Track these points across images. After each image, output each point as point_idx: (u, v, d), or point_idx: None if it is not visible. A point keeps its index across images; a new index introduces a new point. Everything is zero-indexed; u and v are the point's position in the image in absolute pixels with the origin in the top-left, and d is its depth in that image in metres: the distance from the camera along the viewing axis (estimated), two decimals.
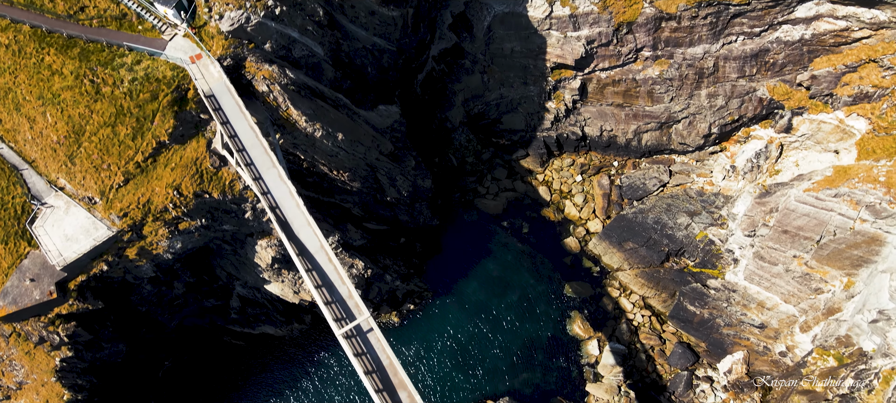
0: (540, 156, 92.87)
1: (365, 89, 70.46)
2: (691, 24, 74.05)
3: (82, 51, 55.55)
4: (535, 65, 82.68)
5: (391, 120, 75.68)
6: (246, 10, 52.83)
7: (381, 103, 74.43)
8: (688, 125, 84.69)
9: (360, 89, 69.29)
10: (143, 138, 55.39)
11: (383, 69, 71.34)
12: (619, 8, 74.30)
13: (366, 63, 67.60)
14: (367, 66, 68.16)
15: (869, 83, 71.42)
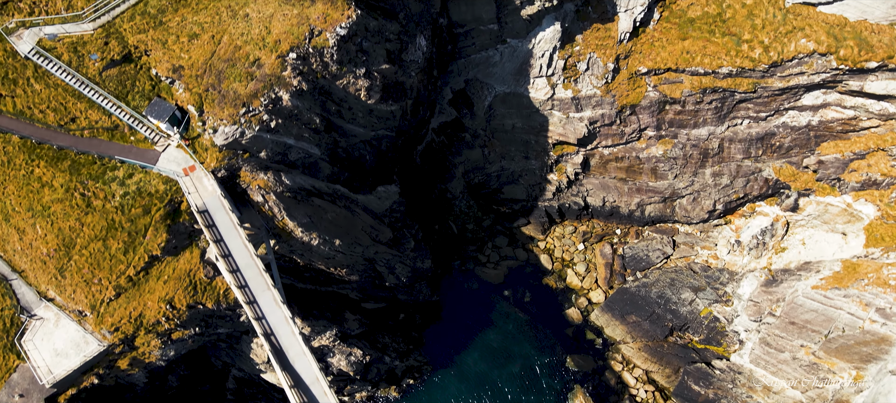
0: (541, 223, 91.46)
1: (363, 176, 69.10)
2: (696, 109, 72.69)
3: (73, 163, 54.18)
4: (537, 140, 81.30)
5: (390, 201, 74.30)
6: (240, 125, 51.51)
7: (380, 184, 73.04)
8: (692, 201, 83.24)
9: (357, 178, 67.94)
10: (134, 252, 53.99)
11: (382, 153, 69.99)
12: (622, 91, 72.92)
13: (364, 153, 66.27)
14: (365, 156, 66.82)
15: (877, 171, 70.03)
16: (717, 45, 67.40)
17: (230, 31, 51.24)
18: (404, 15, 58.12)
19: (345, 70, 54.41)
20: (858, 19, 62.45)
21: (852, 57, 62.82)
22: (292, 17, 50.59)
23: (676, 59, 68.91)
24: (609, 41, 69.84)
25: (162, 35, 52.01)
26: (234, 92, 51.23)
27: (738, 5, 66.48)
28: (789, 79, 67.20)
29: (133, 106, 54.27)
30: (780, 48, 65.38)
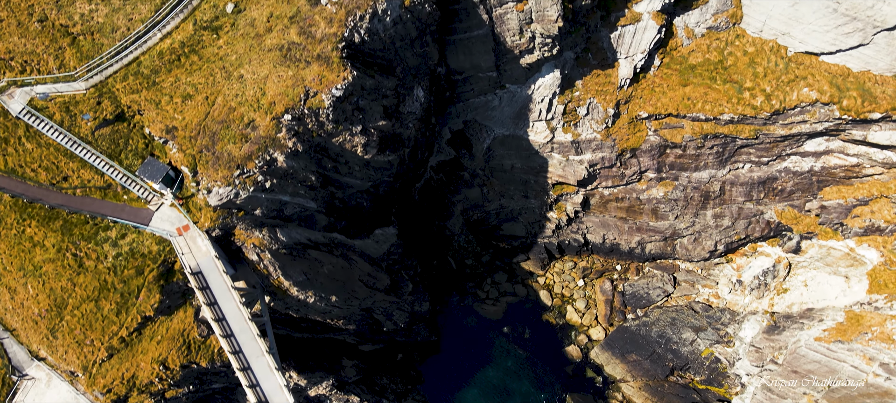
0: (541, 259, 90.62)
1: (360, 222, 68.24)
2: (697, 153, 71.83)
3: (65, 223, 53.38)
4: (536, 180, 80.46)
5: (388, 244, 73.50)
6: (235, 186, 50.68)
7: (378, 227, 72.20)
8: (693, 240, 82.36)
9: (355, 224, 67.11)
10: (127, 313, 53.18)
11: (379, 198, 69.15)
12: (622, 135, 72.07)
13: (362, 201, 65.44)
14: (362, 203, 65.99)
15: (881, 218, 69.16)
16: (718, 91, 66.55)
17: (224, 92, 50.45)
18: (401, 68, 57.33)
19: (341, 128, 53.62)
20: (862, 70, 61.60)
21: (855, 108, 61.99)
22: (287, 79, 49.80)
23: (677, 105, 68.06)
24: (609, 87, 69.01)
25: (155, 95, 51.23)
26: (228, 153, 50.41)
27: (740, 53, 65.64)
28: (792, 127, 66.37)
29: (126, 165, 53.47)
30: (782, 97, 64.55)
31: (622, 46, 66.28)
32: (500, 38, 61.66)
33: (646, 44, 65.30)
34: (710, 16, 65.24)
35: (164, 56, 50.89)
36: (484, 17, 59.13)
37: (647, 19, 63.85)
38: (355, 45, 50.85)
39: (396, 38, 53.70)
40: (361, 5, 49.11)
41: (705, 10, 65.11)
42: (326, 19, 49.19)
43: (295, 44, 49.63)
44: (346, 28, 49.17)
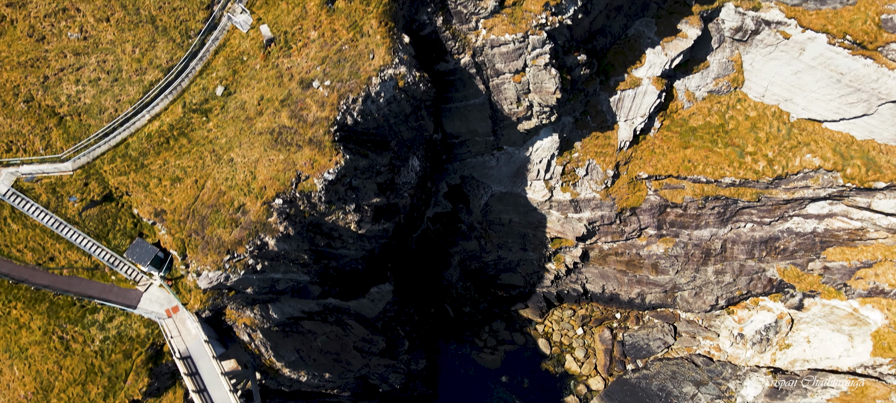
0: (539, 307, 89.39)
1: (355, 284, 67.05)
2: (698, 213, 70.66)
3: (51, 305, 52.18)
4: (535, 234, 79.25)
5: (384, 301, 72.23)
6: (225, 270, 49.52)
7: (374, 285, 70.98)
8: (694, 294, 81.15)
9: (349, 287, 65.91)
10: (115, 397, 51.92)
11: (375, 258, 67.95)
12: (622, 194, 70.88)
13: (357, 265, 64.24)
14: (357, 267, 64.78)
15: (885, 281, 67.99)
16: (719, 155, 65.41)
17: (214, 175, 49.28)
18: (396, 142, 56.19)
19: (334, 208, 52.47)
20: (866, 138, 60.48)
21: (860, 176, 60.85)
22: (278, 163, 48.64)
23: (678, 167, 66.91)
24: (608, 148, 67.84)
25: (143, 178, 50.06)
26: (217, 238, 49.22)
27: (741, 117, 64.50)
28: (794, 192, 65.22)
29: (114, 245, 52.27)
30: (784, 162, 63.43)
31: (621, 110, 65.15)
32: (497, 105, 60.53)
33: (646, 108, 64.16)
34: (711, 80, 64.10)
35: (153, 138, 49.73)
36: (480, 87, 58.01)
37: (646, 84, 62.71)
38: (348, 126, 49.71)
39: (390, 116, 52.59)
40: (354, 89, 47.97)
41: (706, 75, 63.97)
42: (318, 103, 48.06)
43: (286, 127, 48.48)
44: (339, 112, 48.02)
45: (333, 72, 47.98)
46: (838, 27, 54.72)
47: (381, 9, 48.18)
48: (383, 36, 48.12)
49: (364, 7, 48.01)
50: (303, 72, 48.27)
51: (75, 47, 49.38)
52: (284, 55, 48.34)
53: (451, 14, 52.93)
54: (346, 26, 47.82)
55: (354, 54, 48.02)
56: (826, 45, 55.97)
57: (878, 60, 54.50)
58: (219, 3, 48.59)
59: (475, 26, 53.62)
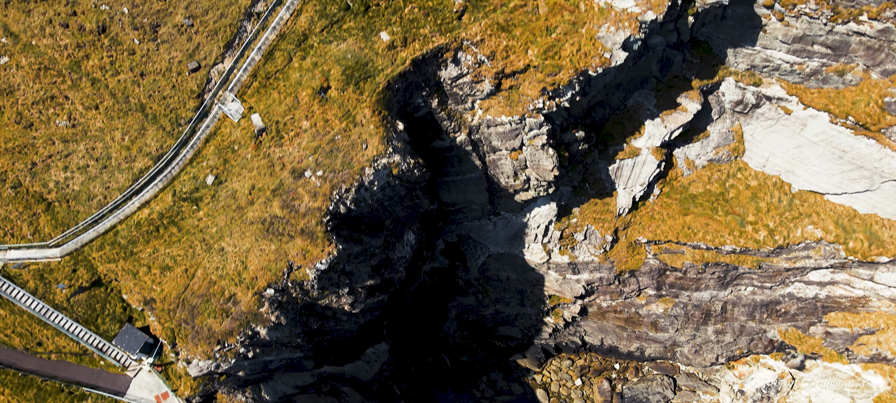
0: (537, 358, 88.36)
1: (350, 349, 66.13)
2: (698, 277, 69.67)
3: (39, 392, 51.18)
4: (533, 291, 78.29)
5: (380, 362, 71.28)
6: (215, 359, 48.61)
7: (369, 346, 70.03)
8: (694, 352, 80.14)
9: (344, 354, 65.00)
10: None
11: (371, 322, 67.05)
12: (621, 257, 69.89)
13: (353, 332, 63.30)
14: (354, 333, 63.85)
15: (887, 349, 66.93)
16: (719, 223, 64.44)
17: (205, 265, 48.38)
18: (391, 220, 55.26)
19: (327, 292, 51.53)
20: (868, 213, 59.51)
21: (862, 250, 59.87)
22: (270, 253, 47.72)
23: (678, 233, 65.92)
24: (607, 215, 66.86)
25: (133, 266, 49.15)
26: (208, 328, 48.30)
27: (742, 186, 63.54)
28: (796, 261, 64.25)
29: (103, 330, 51.33)
30: (785, 233, 62.46)
31: (620, 178, 64.20)
32: (493, 179, 59.61)
33: (645, 177, 63.21)
34: (711, 149, 63.16)
35: (142, 226, 48.82)
36: (477, 162, 57.09)
37: (646, 154, 61.74)
38: (341, 215, 48.77)
39: (385, 200, 51.67)
40: (347, 179, 47.06)
41: (706, 144, 63.02)
42: (310, 193, 47.14)
43: (278, 217, 47.57)
44: (331, 202, 47.09)
45: (326, 162, 47.08)
46: (840, 107, 53.78)
47: (374, 98, 47.32)
48: (377, 125, 47.23)
49: (357, 96, 47.13)
50: (295, 161, 47.37)
51: (64, 134, 48.51)
52: (276, 144, 47.46)
53: (446, 96, 52.05)
54: (339, 116, 46.93)
55: (347, 144, 47.13)
56: (828, 124, 55.04)
57: (882, 141, 53.55)
58: (210, 91, 47.71)
59: (471, 107, 52.74)
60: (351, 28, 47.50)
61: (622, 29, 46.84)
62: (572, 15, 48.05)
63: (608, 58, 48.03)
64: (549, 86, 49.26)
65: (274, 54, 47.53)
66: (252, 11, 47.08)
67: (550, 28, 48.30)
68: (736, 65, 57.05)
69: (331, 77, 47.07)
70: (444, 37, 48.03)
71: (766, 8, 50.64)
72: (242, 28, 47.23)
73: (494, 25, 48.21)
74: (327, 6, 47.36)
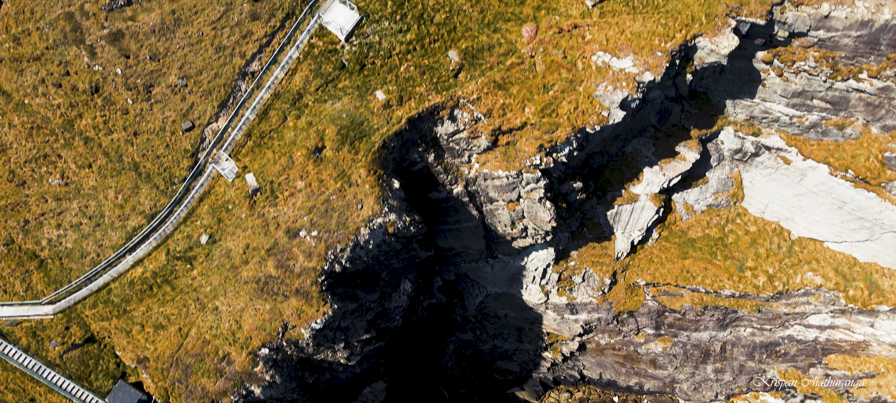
0: (536, 391, 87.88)
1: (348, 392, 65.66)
2: (697, 319, 69.20)
3: None
4: (531, 328, 77.82)
5: (378, 401, 70.80)
6: None
7: (367, 386, 69.57)
8: (693, 389, 79.60)
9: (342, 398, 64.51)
10: None
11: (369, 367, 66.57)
12: (619, 299, 69.43)
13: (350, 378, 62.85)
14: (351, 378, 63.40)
15: (888, 393, 66.38)
16: (718, 267, 63.99)
17: (198, 324, 47.93)
18: (387, 272, 54.83)
19: (322, 348, 51.10)
20: (868, 261, 59.03)
21: (862, 298, 59.41)
22: (264, 313, 47.29)
23: (676, 277, 65.49)
24: (606, 258, 66.42)
25: (126, 324, 48.72)
26: (202, 388, 47.87)
27: (741, 232, 63.09)
28: (795, 306, 63.79)
29: (96, 386, 50.89)
30: (785, 279, 62.00)
31: (619, 223, 63.75)
32: (491, 227, 59.18)
33: (643, 222, 62.77)
34: (710, 194, 62.72)
35: (136, 285, 48.38)
36: (474, 212, 56.65)
37: (644, 200, 61.30)
38: (336, 273, 48.35)
39: (381, 255, 51.25)
40: (342, 239, 46.63)
41: (705, 189, 62.58)
42: (305, 253, 46.70)
43: (272, 277, 47.13)
44: (326, 262, 46.64)
45: (321, 221, 46.65)
46: (840, 161, 53.35)
47: (369, 157, 46.89)
48: (372, 185, 46.80)
49: (352, 156, 46.72)
50: (289, 221, 46.94)
51: (56, 193, 48.09)
52: (271, 204, 47.03)
53: (442, 150, 51.61)
54: (334, 176, 46.50)
55: (342, 204, 46.70)
56: (828, 175, 54.61)
57: (882, 195, 53.11)
58: (204, 150, 47.29)
59: (468, 160, 52.30)
60: (346, 87, 47.09)
61: (620, 88, 46.42)
62: (569, 73, 47.62)
63: (606, 116, 47.59)
64: (546, 143, 48.82)
65: (268, 113, 47.12)
66: (246, 71, 46.68)
67: (548, 86, 47.87)
68: (735, 115, 56.63)
69: (326, 137, 46.65)
70: (441, 95, 47.60)
71: (765, 63, 50.22)
72: (237, 87, 46.83)
73: (491, 83, 47.79)
74: (322, 65, 46.96)
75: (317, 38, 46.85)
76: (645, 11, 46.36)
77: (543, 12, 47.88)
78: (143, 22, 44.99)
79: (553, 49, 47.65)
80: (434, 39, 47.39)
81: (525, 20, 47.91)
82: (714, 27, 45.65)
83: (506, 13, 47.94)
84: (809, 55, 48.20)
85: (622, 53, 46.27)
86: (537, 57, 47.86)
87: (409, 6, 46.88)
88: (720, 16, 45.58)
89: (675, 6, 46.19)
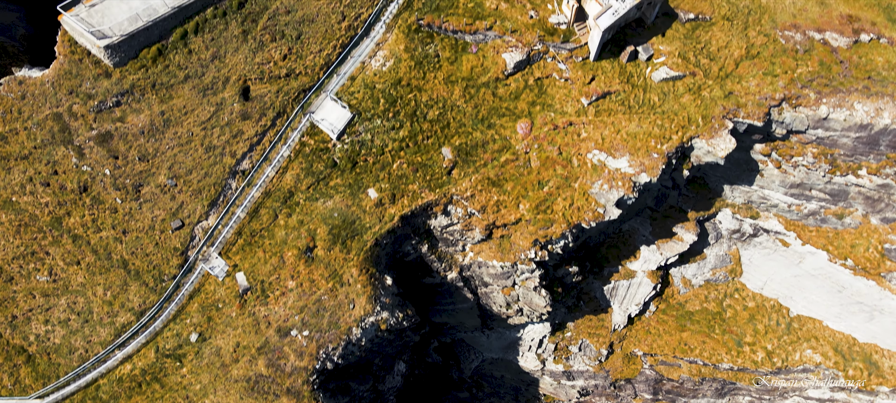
0: None
1: None
2: (695, 388, 68.45)
3: None
4: (528, 389, 77.06)
5: None
6: None
7: None
8: None
9: None
10: None
11: None
12: (617, 367, 68.72)
13: None
14: None
15: None
16: (716, 341, 63.30)
17: None
18: (380, 358, 54.14)
19: None
20: (868, 341, 58.30)
21: (862, 378, 58.67)
22: None
23: (674, 349, 64.80)
24: (602, 330, 65.75)
25: None
26: None
27: (740, 307, 62.39)
28: (795, 382, 63.05)
29: None
30: (784, 356, 61.28)
31: (616, 297, 63.07)
32: (486, 307, 58.53)
33: (640, 297, 62.07)
34: (708, 270, 62.01)
35: (125, 382, 47.67)
36: (469, 295, 55.97)
37: (641, 276, 60.61)
38: (328, 370, 47.68)
39: (374, 347, 50.54)
40: (333, 339, 45.95)
41: (703, 265, 61.90)
42: (296, 352, 46.02)
43: (263, 376, 46.42)
44: (318, 360, 45.96)
45: (312, 321, 45.97)
46: (840, 249, 52.66)
47: (361, 256, 46.23)
48: (364, 284, 46.12)
49: (344, 255, 46.05)
50: (280, 320, 46.25)
51: (44, 289, 47.42)
52: (261, 303, 46.35)
53: (436, 240, 50.97)
54: (326, 276, 45.83)
55: (334, 304, 46.02)
56: (827, 262, 53.92)
57: (882, 284, 52.41)
58: (194, 248, 46.62)
59: (462, 249, 51.66)
60: (338, 185, 46.42)
61: (616, 188, 45.73)
62: (565, 169, 46.95)
63: (602, 212, 46.93)
64: (541, 237, 48.14)
65: (259, 212, 46.46)
66: (237, 169, 46.01)
67: (542, 182, 47.20)
68: (733, 198, 55.95)
69: (317, 236, 46.00)
70: (434, 193, 46.93)
71: (763, 155, 49.54)
72: (227, 186, 46.17)
73: (485, 180, 47.13)
74: (314, 163, 46.29)
75: (308, 137, 46.19)
76: (641, 111, 45.70)
77: (538, 108, 47.21)
78: (131, 123, 44.38)
79: (548, 145, 46.98)
80: (427, 136, 46.74)
81: (520, 116, 47.24)
82: (711, 129, 44.97)
83: (500, 108, 47.28)
84: (808, 151, 47.53)
85: (618, 153, 45.59)
86: (532, 153, 47.20)
87: (401, 104, 46.22)
88: (717, 117, 44.92)
89: (671, 107, 45.52)
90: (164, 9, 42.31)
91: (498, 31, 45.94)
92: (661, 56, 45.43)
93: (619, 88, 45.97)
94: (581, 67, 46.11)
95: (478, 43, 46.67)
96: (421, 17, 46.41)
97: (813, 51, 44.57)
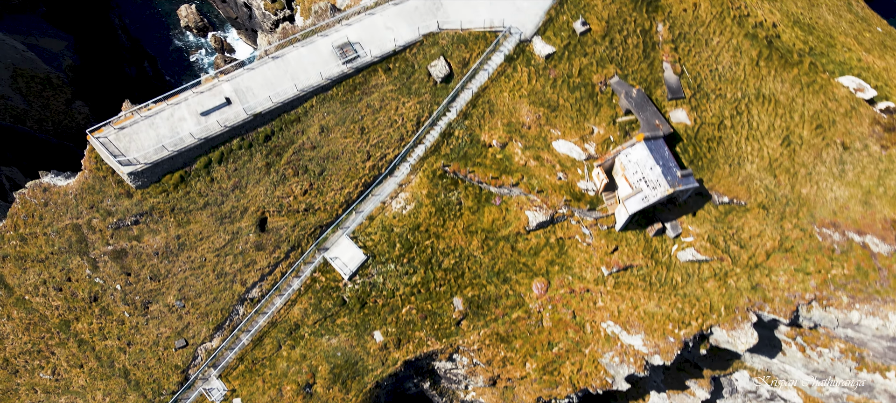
0: None
1: None
2: None
3: None
4: None
5: None
6: None
7: None
8: None
9: None
10: None
11: None
12: None
13: None
14: None
15: None
16: None
17: None
18: None
19: None
20: None
21: None
22: None
23: None
24: None
25: None
26: None
27: None
28: None
29: None
30: None
31: None
32: None
33: None
34: None
35: None
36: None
37: None
38: None
39: None
40: None
41: None
42: None
43: None
44: None
45: None
46: None
47: (360, 398, 45.47)
48: None
49: (343, 395, 45.32)
50: None
51: (46, 386, 47.66)
52: None
53: (439, 377, 49.97)
54: None
55: None
56: None
57: None
58: (196, 366, 46.41)
59: (465, 387, 50.54)
60: (344, 324, 45.77)
61: (627, 363, 44.19)
62: (577, 334, 45.58)
63: (610, 382, 45.41)
64: (545, 396, 46.79)
65: (263, 340, 46.03)
66: (246, 297, 45.71)
67: (552, 343, 45.90)
68: (751, 363, 53.79)
69: (318, 374, 45.37)
70: (441, 342, 45.97)
71: (787, 338, 47.43)
72: (235, 311, 45.87)
73: (494, 335, 46.00)
74: (323, 300, 45.72)
75: (320, 273, 45.64)
76: (661, 290, 44.11)
77: (557, 268, 45.94)
78: (147, 243, 44.40)
79: (563, 307, 45.68)
80: (440, 284, 45.82)
81: (537, 274, 46.02)
82: (733, 320, 43.17)
83: (518, 263, 46.13)
84: (835, 345, 45.37)
85: (633, 329, 44.05)
86: (545, 313, 45.95)
87: (418, 250, 45.40)
88: (741, 309, 43.10)
89: (693, 290, 43.85)
90: (191, 140, 42.21)
91: (524, 190, 44.85)
92: (690, 236, 43.81)
93: (642, 263, 44.46)
94: (605, 236, 44.73)
95: (502, 196, 45.63)
96: (447, 164, 45.56)
97: (851, 252, 42.46)
